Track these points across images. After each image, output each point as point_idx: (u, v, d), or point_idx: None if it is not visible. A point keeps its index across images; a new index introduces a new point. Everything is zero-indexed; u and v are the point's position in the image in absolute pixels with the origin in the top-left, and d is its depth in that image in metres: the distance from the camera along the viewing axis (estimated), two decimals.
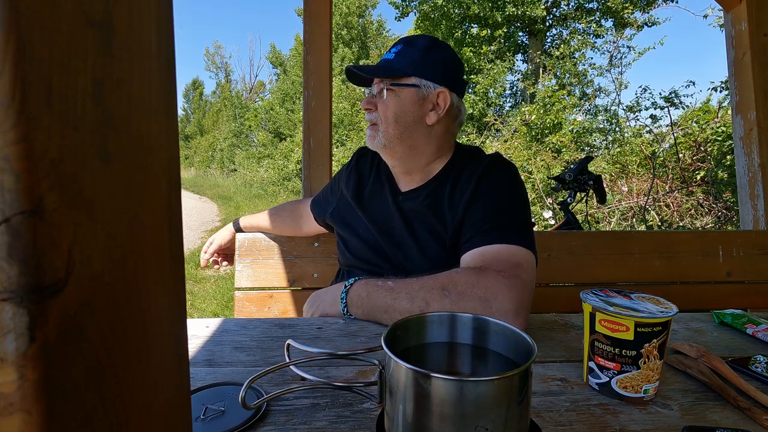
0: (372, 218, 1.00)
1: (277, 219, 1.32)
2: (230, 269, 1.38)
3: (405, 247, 0.95)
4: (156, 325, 0.21)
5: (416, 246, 0.93)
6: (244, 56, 75.21)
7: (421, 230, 0.94)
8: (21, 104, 0.14)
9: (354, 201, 1.04)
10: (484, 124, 7.97)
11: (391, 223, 0.98)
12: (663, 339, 0.56)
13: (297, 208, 1.31)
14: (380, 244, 0.98)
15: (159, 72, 0.21)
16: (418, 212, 0.95)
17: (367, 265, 1.00)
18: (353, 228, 1.04)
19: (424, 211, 0.94)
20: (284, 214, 1.33)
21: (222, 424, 0.51)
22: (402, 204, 0.98)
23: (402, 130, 0.93)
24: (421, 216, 0.95)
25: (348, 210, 1.06)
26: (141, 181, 0.20)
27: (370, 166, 1.08)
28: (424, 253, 0.93)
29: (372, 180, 1.05)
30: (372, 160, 1.09)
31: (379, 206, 1.01)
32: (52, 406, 0.15)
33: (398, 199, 0.99)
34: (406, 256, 0.94)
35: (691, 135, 4.44)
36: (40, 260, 0.15)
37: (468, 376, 0.45)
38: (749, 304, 1.41)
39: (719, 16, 5.26)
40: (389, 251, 0.96)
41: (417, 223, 0.95)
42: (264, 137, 15.86)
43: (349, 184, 1.07)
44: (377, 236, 0.98)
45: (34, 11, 0.14)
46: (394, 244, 0.96)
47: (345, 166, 1.15)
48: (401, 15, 10.91)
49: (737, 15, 1.59)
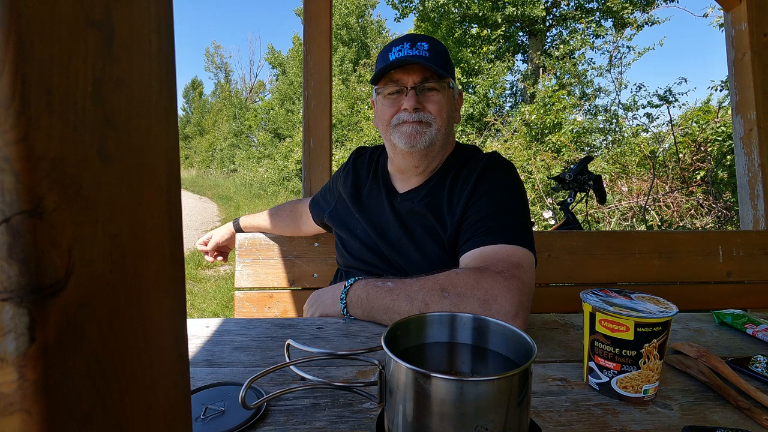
0: (369, 220, 1.00)
1: (276, 219, 1.32)
2: (230, 269, 1.39)
3: (402, 249, 0.95)
4: (156, 325, 0.21)
5: (414, 247, 0.93)
6: (244, 56, 75.27)
7: (419, 231, 0.94)
8: (21, 104, 0.14)
9: (351, 202, 1.04)
10: (484, 124, 7.97)
11: (388, 225, 0.97)
12: (663, 339, 0.56)
13: (296, 208, 1.31)
14: (378, 245, 0.98)
15: (159, 72, 0.21)
16: (417, 213, 0.95)
17: (365, 266, 1.00)
18: (351, 229, 1.04)
19: (423, 211, 0.94)
20: (284, 213, 1.33)
21: (222, 424, 0.51)
22: (399, 206, 0.98)
23: (448, 128, 0.95)
24: (420, 216, 0.95)
25: (346, 211, 1.06)
26: (141, 181, 0.20)
27: (368, 167, 1.08)
28: (422, 254, 0.93)
29: (370, 181, 1.05)
30: (369, 160, 1.09)
31: (376, 208, 1.01)
32: (52, 406, 0.15)
33: (396, 200, 0.99)
34: (403, 258, 0.94)
35: (691, 135, 4.44)
36: (40, 260, 0.15)
37: (468, 376, 0.45)
38: (749, 304, 1.41)
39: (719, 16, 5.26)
40: (387, 253, 0.96)
41: (415, 224, 0.95)
42: (264, 137, 15.86)
43: (346, 185, 1.07)
44: (375, 238, 0.98)
45: (34, 11, 0.14)
46: (392, 246, 0.96)
47: (342, 167, 1.14)
48: (401, 15, 10.92)
49: (737, 15, 1.59)
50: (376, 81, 0.95)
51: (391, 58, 0.91)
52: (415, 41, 0.92)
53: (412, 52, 0.90)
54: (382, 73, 0.92)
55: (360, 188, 1.06)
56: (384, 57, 0.94)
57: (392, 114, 0.94)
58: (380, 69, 0.92)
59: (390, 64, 0.90)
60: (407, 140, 0.92)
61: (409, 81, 0.91)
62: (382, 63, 0.94)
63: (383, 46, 1.00)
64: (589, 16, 9.96)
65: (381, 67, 0.92)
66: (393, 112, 0.94)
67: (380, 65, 0.94)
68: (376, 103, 0.99)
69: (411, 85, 0.91)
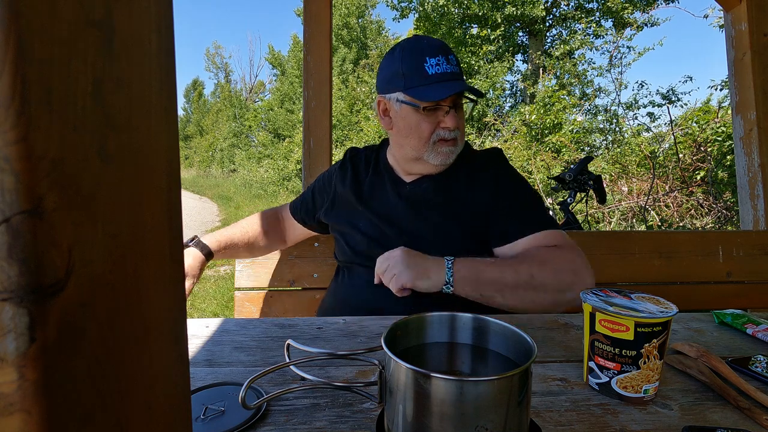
0: (375, 211, 1.02)
1: (253, 227, 1.19)
2: (230, 269, 1.37)
3: (417, 232, 0.97)
4: (156, 325, 0.21)
5: (428, 230, 0.96)
6: (244, 56, 75.34)
7: (434, 215, 0.97)
8: (21, 104, 0.14)
9: (354, 196, 1.05)
10: (483, 125, 7.97)
11: (398, 213, 1.00)
12: (663, 339, 0.56)
13: (275, 214, 1.26)
14: (386, 235, 0.99)
15: (159, 72, 0.21)
16: (428, 198, 0.99)
17: (368, 261, 1.00)
18: (353, 223, 1.04)
19: (434, 195, 0.98)
20: (264, 220, 1.22)
21: (222, 424, 0.51)
22: (408, 193, 1.01)
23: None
24: (431, 200, 0.98)
25: (346, 206, 1.07)
26: (141, 181, 0.20)
27: (366, 164, 1.11)
28: (439, 235, 0.96)
29: (371, 175, 1.07)
30: (366, 158, 1.12)
31: (381, 199, 1.03)
32: (52, 406, 0.15)
33: (404, 189, 1.02)
34: (417, 241, 0.94)
35: (691, 135, 4.44)
36: (40, 260, 0.15)
37: (468, 376, 0.45)
38: (749, 304, 1.40)
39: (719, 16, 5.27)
40: (397, 242, 0.96)
41: (426, 208, 0.98)
42: (264, 137, 15.87)
43: (345, 180, 1.09)
44: (383, 228, 0.99)
45: (34, 11, 0.14)
46: (404, 232, 0.98)
47: (335, 165, 1.16)
48: (400, 16, 10.92)
49: (737, 15, 1.59)
50: (422, 96, 0.91)
51: (429, 72, 0.90)
52: (447, 54, 0.92)
53: (449, 69, 0.92)
54: (432, 93, 0.90)
55: (361, 183, 1.08)
56: (419, 68, 0.91)
57: (431, 130, 0.94)
58: (424, 86, 0.90)
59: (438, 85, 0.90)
60: (443, 158, 0.96)
61: (449, 100, 0.93)
62: (419, 76, 0.91)
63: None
64: (589, 16, 9.96)
65: (422, 84, 0.90)
66: (432, 128, 0.94)
67: (418, 78, 0.91)
68: (404, 111, 0.95)
69: (450, 104, 0.94)
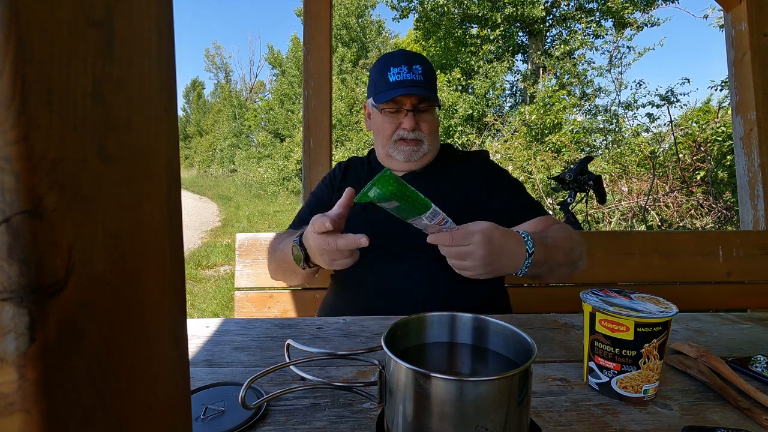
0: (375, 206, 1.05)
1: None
2: (230, 269, 1.37)
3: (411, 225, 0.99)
4: (156, 325, 0.21)
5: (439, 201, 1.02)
6: (244, 56, 75.32)
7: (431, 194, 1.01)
8: (21, 104, 0.14)
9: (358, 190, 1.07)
10: (483, 125, 7.97)
11: None
12: (663, 339, 0.56)
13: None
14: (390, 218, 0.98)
15: (159, 72, 0.21)
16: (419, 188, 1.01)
17: (368, 255, 0.99)
18: (357, 219, 1.04)
19: (424, 186, 1.00)
20: None
21: (222, 424, 0.51)
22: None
23: (436, 140, 1.10)
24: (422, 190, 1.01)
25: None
26: (141, 181, 0.20)
27: (360, 168, 1.17)
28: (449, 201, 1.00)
29: (365, 176, 1.13)
30: (361, 163, 1.19)
31: None
32: (52, 406, 0.15)
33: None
34: (411, 238, 0.94)
35: (691, 135, 4.44)
36: (40, 260, 0.15)
37: (468, 376, 0.45)
38: (749, 304, 1.41)
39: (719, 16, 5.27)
40: (398, 237, 0.97)
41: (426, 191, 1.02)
42: (264, 137, 15.87)
43: (345, 183, 1.11)
44: (382, 223, 1.00)
45: (34, 11, 0.14)
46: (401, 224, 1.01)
47: (335, 169, 1.20)
48: (400, 16, 10.91)
49: (737, 15, 1.59)
50: (379, 100, 1.05)
51: (391, 79, 1.04)
52: (411, 64, 1.04)
53: (410, 77, 1.03)
54: (386, 96, 1.03)
55: (360, 182, 1.09)
56: (383, 76, 1.05)
57: (393, 130, 1.06)
58: (383, 92, 1.04)
59: (393, 90, 1.02)
60: (405, 156, 1.06)
61: (407, 103, 1.04)
62: (382, 82, 1.05)
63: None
64: (589, 16, 9.96)
65: (383, 90, 1.04)
66: (393, 129, 1.06)
67: (381, 85, 1.05)
68: (374, 114, 1.11)
69: (409, 107, 1.04)
